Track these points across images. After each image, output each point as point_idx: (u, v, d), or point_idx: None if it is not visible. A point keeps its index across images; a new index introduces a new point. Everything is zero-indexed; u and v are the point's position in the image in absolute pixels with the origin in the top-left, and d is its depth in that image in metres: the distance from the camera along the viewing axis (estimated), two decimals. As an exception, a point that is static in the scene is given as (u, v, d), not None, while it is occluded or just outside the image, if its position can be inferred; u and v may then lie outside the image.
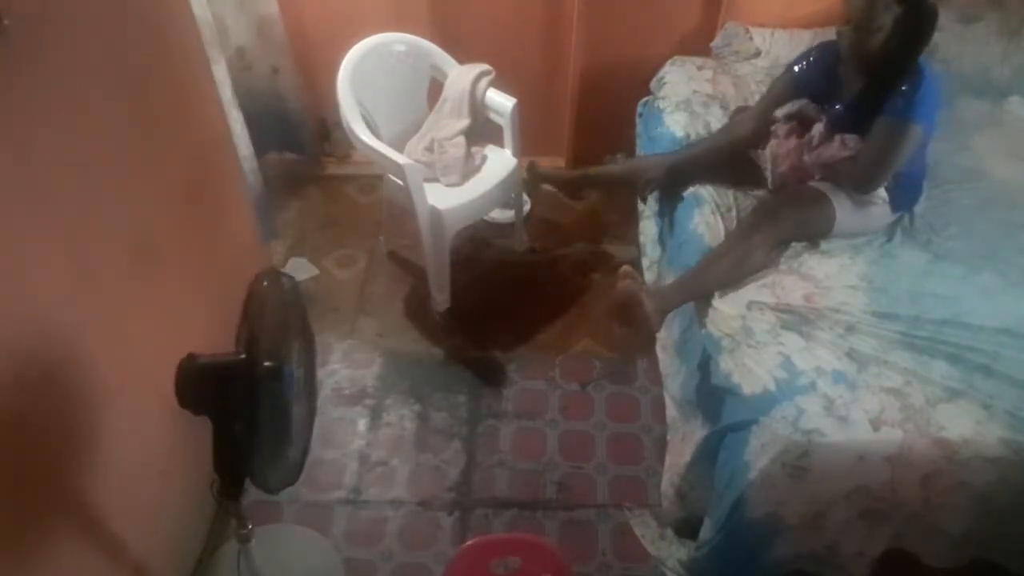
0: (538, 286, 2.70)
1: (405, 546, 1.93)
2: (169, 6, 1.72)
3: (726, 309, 1.87)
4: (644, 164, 2.46)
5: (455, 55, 2.53)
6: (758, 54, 2.77)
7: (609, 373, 2.37)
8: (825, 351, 1.72)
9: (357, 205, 3.01)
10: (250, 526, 1.58)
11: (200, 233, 1.87)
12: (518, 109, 2.44)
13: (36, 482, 1.27)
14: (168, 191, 1.70)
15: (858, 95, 2.03)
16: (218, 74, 2.14)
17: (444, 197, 2.33)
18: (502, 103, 2.45)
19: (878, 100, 1.94)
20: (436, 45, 2.52)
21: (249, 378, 1.24)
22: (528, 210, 2.90)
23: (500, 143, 2.54)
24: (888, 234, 2.09)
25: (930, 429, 1.57)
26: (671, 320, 2.14)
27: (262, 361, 1.25)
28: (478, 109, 2.50)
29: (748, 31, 2.79)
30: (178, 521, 1.80)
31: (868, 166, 1.98)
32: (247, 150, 2.40)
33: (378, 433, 2.19)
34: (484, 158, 2.52)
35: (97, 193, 1.40)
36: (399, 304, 2.60)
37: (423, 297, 2.56)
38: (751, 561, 1.71)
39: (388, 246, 2.78)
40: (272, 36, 2.70)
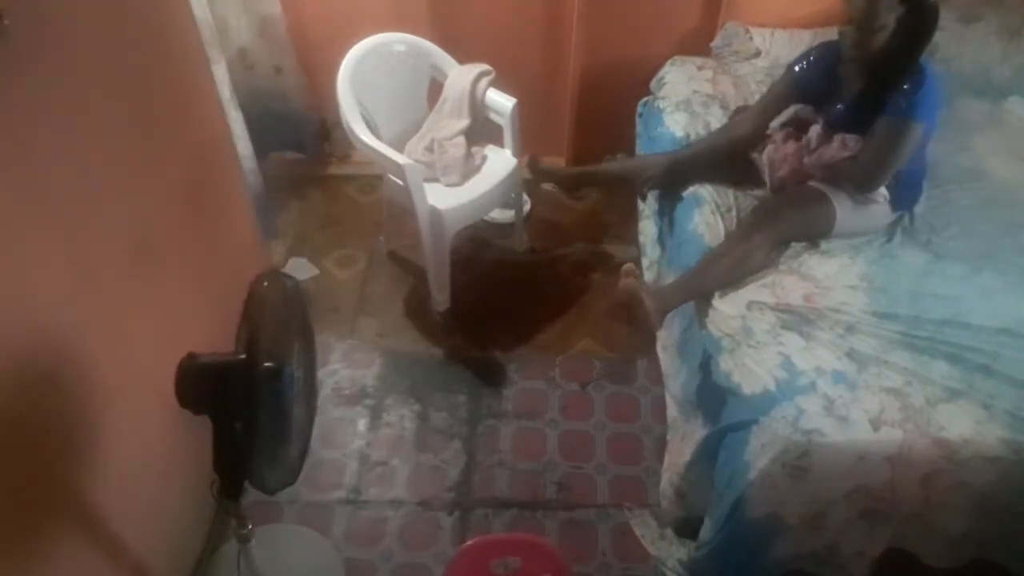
0: (538, 286, 2.70)
1: (405, 546, 1.93)
2: (169, 6, 1.72)
3: (726, 309, 1.87)
4: (644, 162, 2.46)
5: (455, 55, 2.53)
6: (758, 54, 2.77)
7: (609, 373, 2.37)
8: (825, 351, 1.72)
9: (357, 205, 3.01)
10: (250, 526, 1.58)
11: (200, 233, 1.87)
12: (518, 109, 2.44)
13: (36, 482, 1.27)
14: (168, 191, 1.70)
15: (858, 94, 2.03)
16: (218, 74, 2.15)
17: (444, 197, 2.33)
18: (502, 103, 2.45)
19: (879, 99, 1.94)
20: (436, 45, 2.52)
21: (249, 378, 1.24)
22: (528, 210, 2.91)
23: (500, 143, 2.54)
24: (888, 234, 2.09)
25: (930, 429, 1.57)
26: (671, 320, 2.14)
27: (262, 361, 1.25)
28: (478, 109, 2.50)
29: (748, 31, 2.79)
30: (178, 521, 1.80)
31: (870, 165, 1.98)
32: (247, 150, 2.40)
33: (378, 433, 2.19)
34: (484, 158, 2.52)
35: (97, 193, 1.40)
36: (399, 304, 2.60)
37: (423, 297, 2.57)
38: (751, 561, 1.71)
39: (388, 246, 2.78)
40: (275, 36, 2.70)
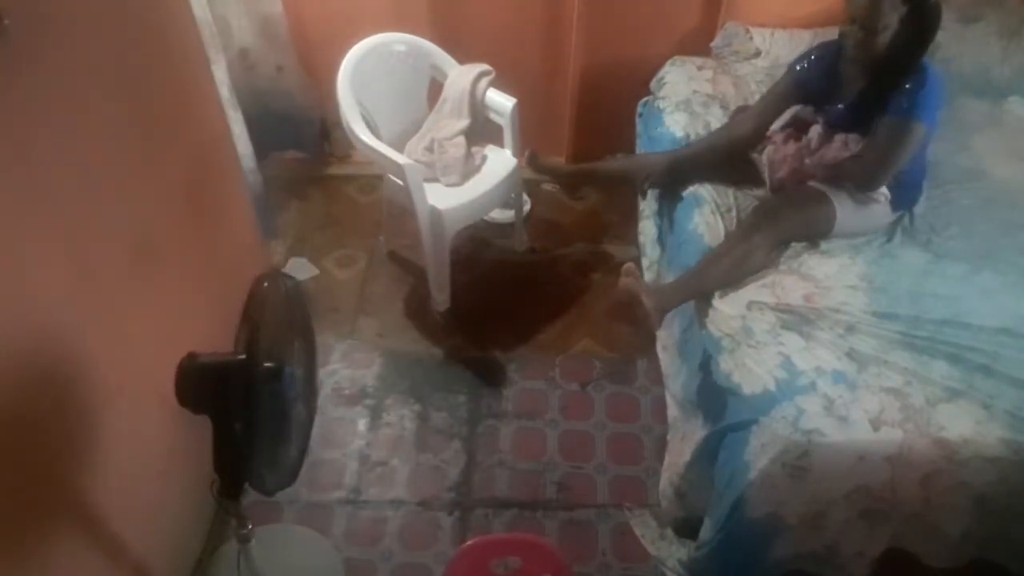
0: (538, 286, 2.69)
1: (405, 546, 1.93)
2: (169, 6, 1.72)
3: (726, 309, 1.87)
4: (644, 161, 2.46)
5: (455, 55, 2.53)
6: (758, 54, 2.77)
7: (609, 373, 2.37)
8: (825, 351, 1.72)
9: (357, 205, 3.01)
10: (250, 526, 1.58)
11: (200, 233, 1.87)
12: (518, 109, 2.44)
13: (36, 482, 1.27)
14: (168, 191, 1.70)
15: (859, 94, 2.03)
16: (217, 74, 2.15)
17: (444, 197, 2.33)
18: (502, 103, 2.45)
19: (880, 99, 1.94)
20: (436, 45, 2.52)
21: (249, 378, 1.24)
22: (528, 210, 2.91)
23: (500, 143, 2.54)
24: (888, 234, 2.09)
25: (930, 429, 1.57)
26: (672, 320, 2.14)
27: (262, 361, 1.25)
28: (478, 109, 2.50)
29: (748, 31, 2.79)
30: (178, 521, 1.80)
31: (872, 165, 1.98)
32: (247, 150, 2.40)
33: (378, 433, 2.19)
34: (484, 158, 2.52)
35: (97, 193, 1.40)
36: (399, 304, 2.60)
37: (423, 297, 2.56)
38: (751, 561, 1.71)
39: (388, 246, 2.78)
40: (276, 35, 2.70)
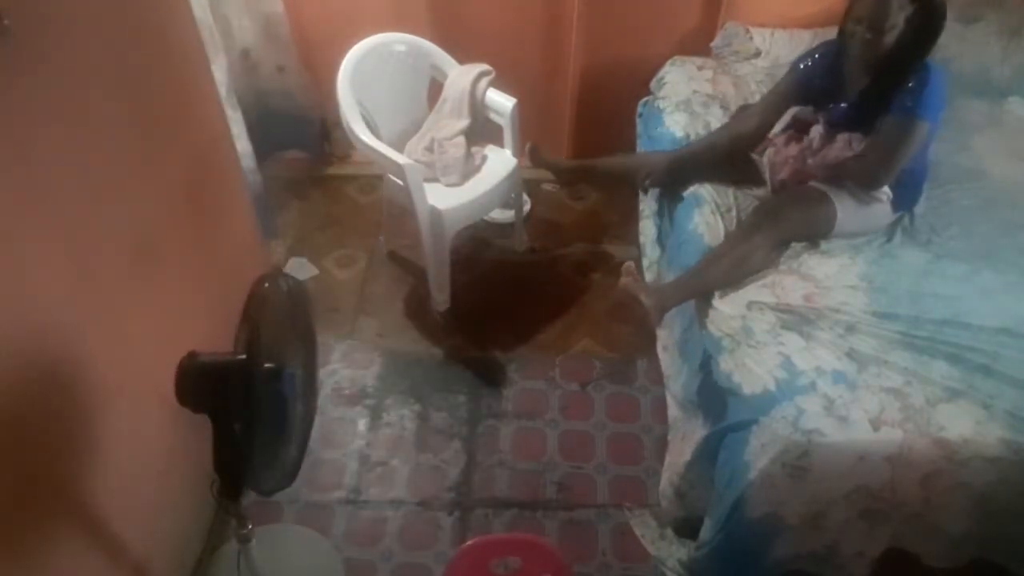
0: (538, 286, 2.69)
1: (405, 546, 1.93)
2: (169, 6, 1.72)
3: (726, 309, 1.87)
4: (645, 159, 2.44)
5: (455, 55, 2.53)
6: (758, 54, 2.77)
7: (609, 373, 2.37)
8: (825, 351, 1.72)
9: (357, 205, 3.01)
10: (250, 526, 1.58)
11: (200, 233, 1.87)
12: (518, 109, 2.44)
13: (36, 482, 1.27)
14: (168, 191, 1.70)
15: (862, 93, 2.02)
16: (217, 74, 2.14)
17: (444, 197, 2.33)
18: (502, 103, 2.45)
19: (883, 98, 1.94)
20: (436, 45, 2.52)
21: (249, 379, 1.24)
22: (528, 210, 2.91)
23: (500, 143, 2.54)
24: (888, 234, 2.09)
25: (930, 429, 1.57)
26: (672, 320, 2.14)
27: (262, 362, 1.25)
28: (478, 109, 2.49)
29: (748, 31, 2.79)
30: (178, 521, 1.80)
31: (875, 164, 1.98)
32: (247, 150, 2.40)
33: (378, 433, 2.19)
34: (484, 158, 2.52)
35: (97, 193, 1.40)
36: (399, 304, 2.60)
37: (423, 297, 2.56)
38: (751, 561, 1.71)
39: (388, 246, 2.78)
40: (278, 34, 2.70)
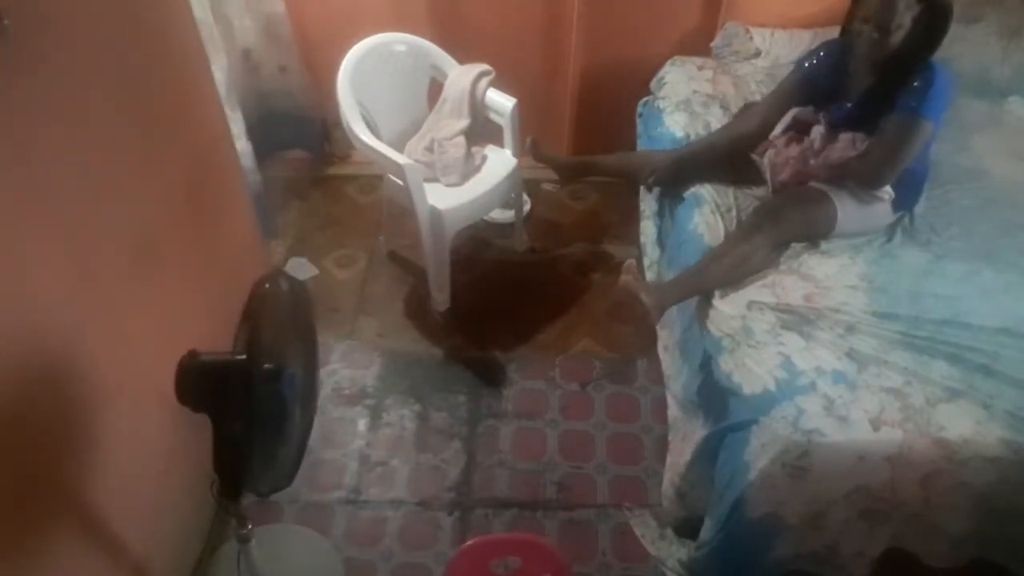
0: (538, 286, 2.69)
1: (405, 546, 1.93)
2: (169, 6, 1.72)
3: (726, 309, 1.87)
4: (646, 158, 2.42)
5: (455, 55, 2.53)
6: (758, 54, 2.78)
7: (609, 373, 2.37)
8: (825, 351, 1.72)
9: (357, 205, 3.01)
10: (250, 526, 1.58)
11: (200, 233, 1.87)
12: (518, 109, 2.44)
13: (36, 482, 1.27)
14: (168, 191, 1.70)
15: (866, 92, 2.02)
16: (218, 74, 2.15)
17: (444, 197, 2.33)
18: (502, 103, 2.45)
19: (887, 97, 1.94)
20: (436, 45, 2.52)
21: (249, 379, 1.24)
22: (528, 210, 2.91)
23: (500, 143, 2.54)
24: (888, 234, 2.09)
25: (930, 429, 1.57)
26: (672, 320, 2.14)
27: (262, 362, 1.25)
28: (478, 109, 2.50)
29: (748, 31, 2.79)
30: (178, 521, 1.80)
31: (878, 163, 1.98)
32: (247, 150, 2.40)
33: (378, 433, 2.19)
34: (484, 158, 2.52)
35: (97, 193, 1.40)
36: (399, 304, 2.60)
37: (423, 297, 2.56)
38: (751, 561, 1.71)
39: (388, 246, 2.78)
40: (279, 34, 2.70)
